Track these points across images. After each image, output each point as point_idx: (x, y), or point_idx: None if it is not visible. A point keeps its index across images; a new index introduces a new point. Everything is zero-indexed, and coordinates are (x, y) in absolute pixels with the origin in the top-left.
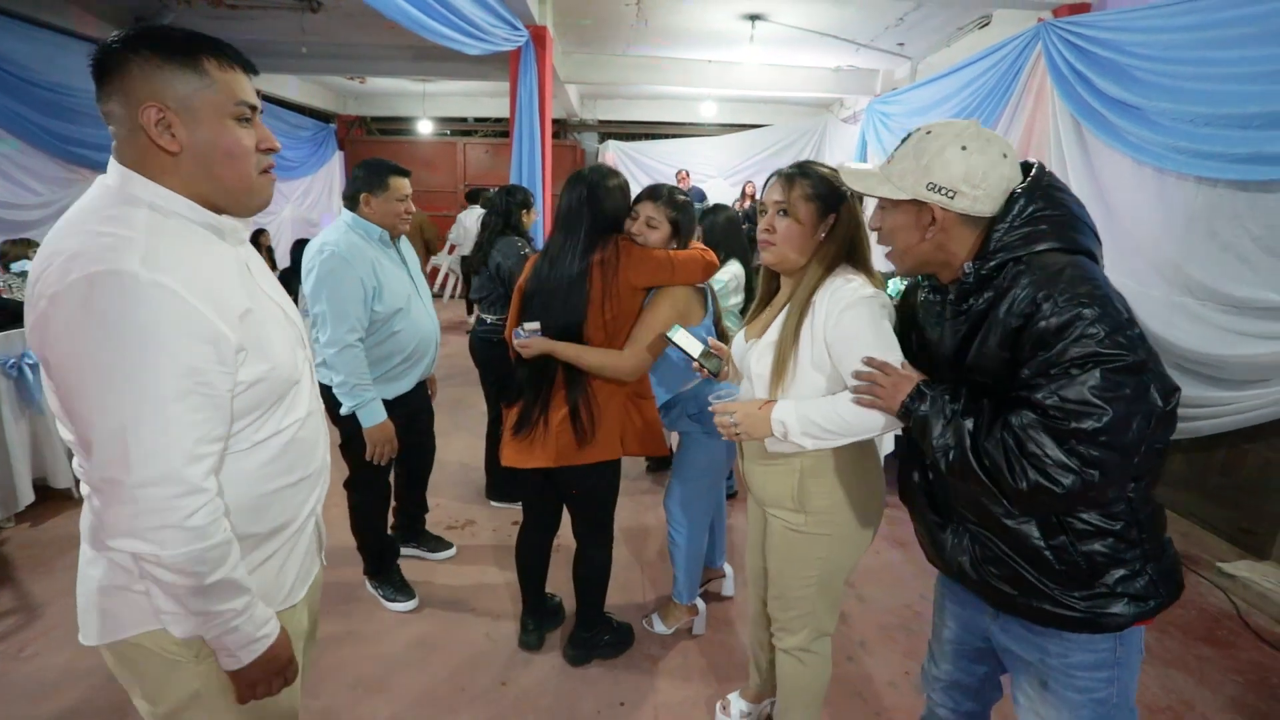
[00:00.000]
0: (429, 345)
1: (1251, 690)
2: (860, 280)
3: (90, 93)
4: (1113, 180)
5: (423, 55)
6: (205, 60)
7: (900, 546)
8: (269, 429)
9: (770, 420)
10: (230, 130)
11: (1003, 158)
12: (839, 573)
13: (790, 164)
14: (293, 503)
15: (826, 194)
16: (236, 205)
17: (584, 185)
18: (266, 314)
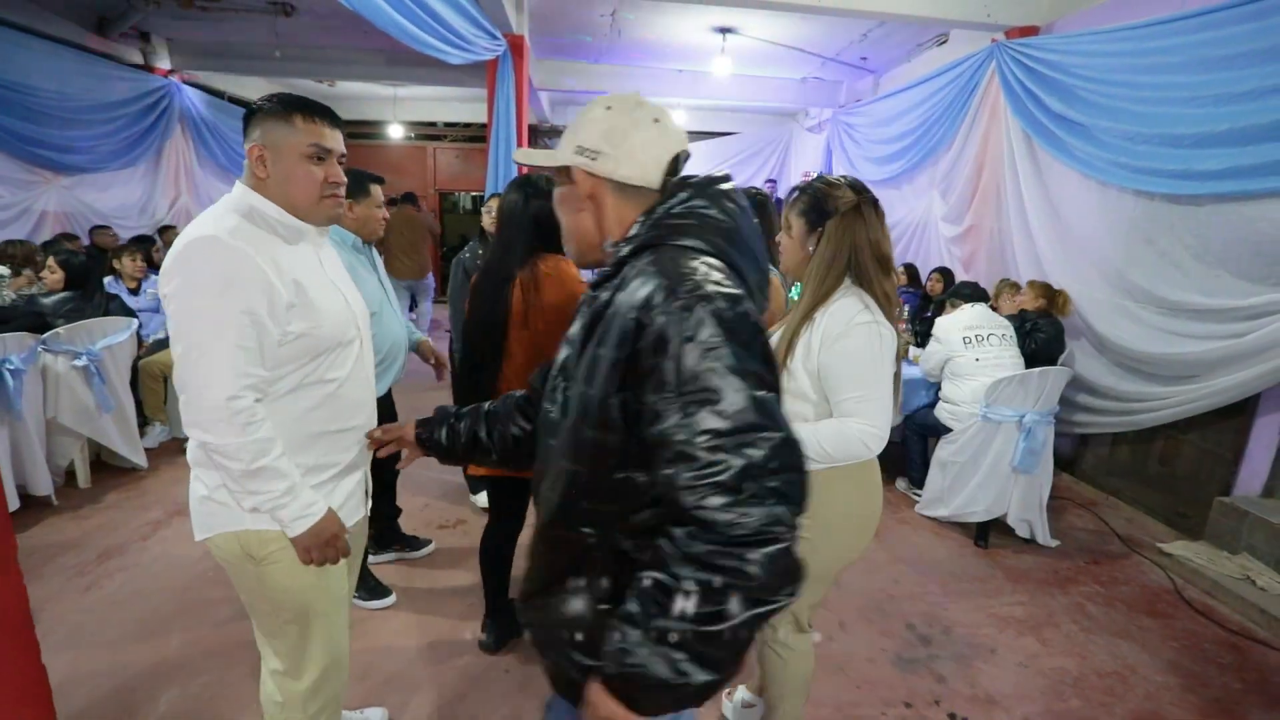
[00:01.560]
0: (399, 350)
1: (1186, 654)
2: (857, 302)
3: (52, 92)
4: (1061, 191)
5: (395, 60)
6: (296, 115)
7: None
8: (313, 378)
9: None
10: (303, 165)
11: (653, 122)
12: (816, 575)
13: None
14: (335, 448)
15: (811, 210)
16: (309, 216)
17: (524, 191)
18: (321, 289)
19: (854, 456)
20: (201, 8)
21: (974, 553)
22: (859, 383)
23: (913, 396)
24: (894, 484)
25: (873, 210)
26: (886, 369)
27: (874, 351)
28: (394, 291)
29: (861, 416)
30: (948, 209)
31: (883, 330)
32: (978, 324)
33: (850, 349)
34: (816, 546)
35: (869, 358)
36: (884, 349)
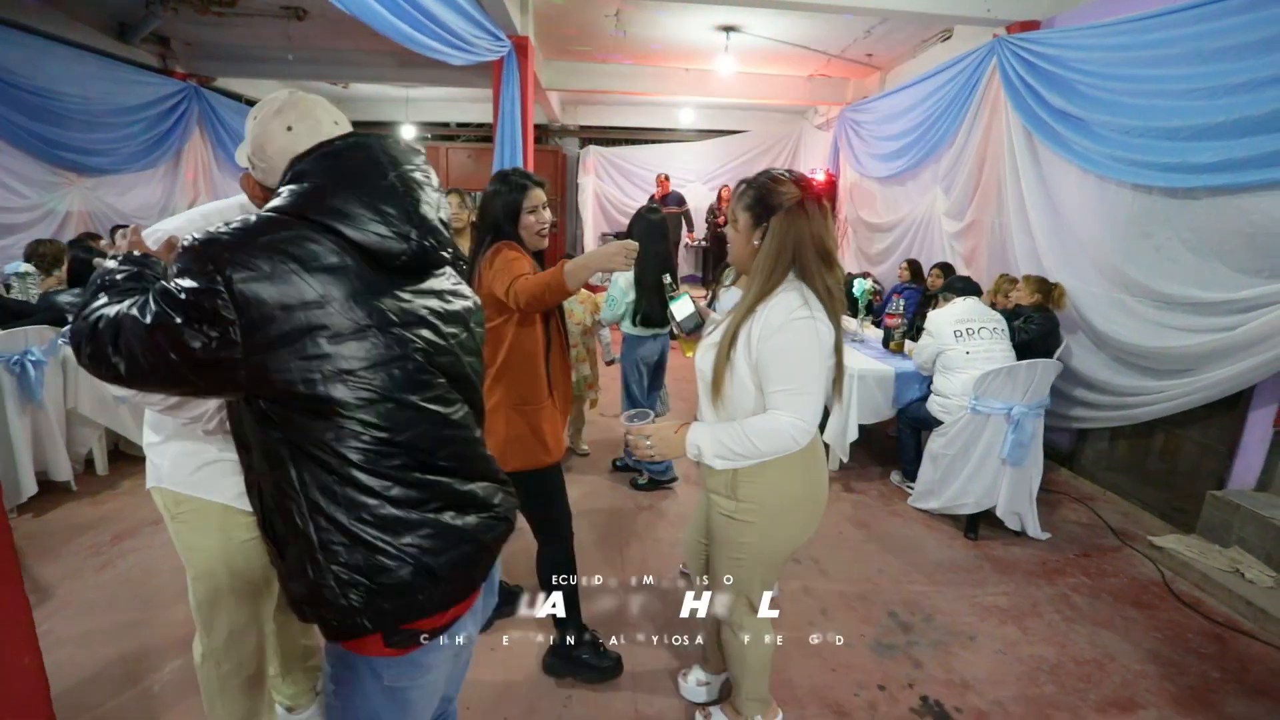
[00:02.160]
0: None
1: (1167, 644)
2: (798, 297)
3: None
4: (1060, 186)
5: (406, 62)
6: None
7: (862, 526)
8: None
9: (685, 442)
10: None
11: (286, 130)
12: (766, 559)
13: (760, 172)
14: None
15: (757, 205)
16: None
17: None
18: None
19: (782, 450)
20: (217, 13)
21: (963, 544)
22: (790, 377)
23: (906, 390)
24: (888, 477)
25: (817, 206)
26: (819, 364)
27: (807, 346)
28: None
29: (790, 410)
30: (950, 205)
31: (819, 326)
32: (969, 317)
33: (784, 343)
34: (766, 533)
35: (802, 352)
36: (819, 344)
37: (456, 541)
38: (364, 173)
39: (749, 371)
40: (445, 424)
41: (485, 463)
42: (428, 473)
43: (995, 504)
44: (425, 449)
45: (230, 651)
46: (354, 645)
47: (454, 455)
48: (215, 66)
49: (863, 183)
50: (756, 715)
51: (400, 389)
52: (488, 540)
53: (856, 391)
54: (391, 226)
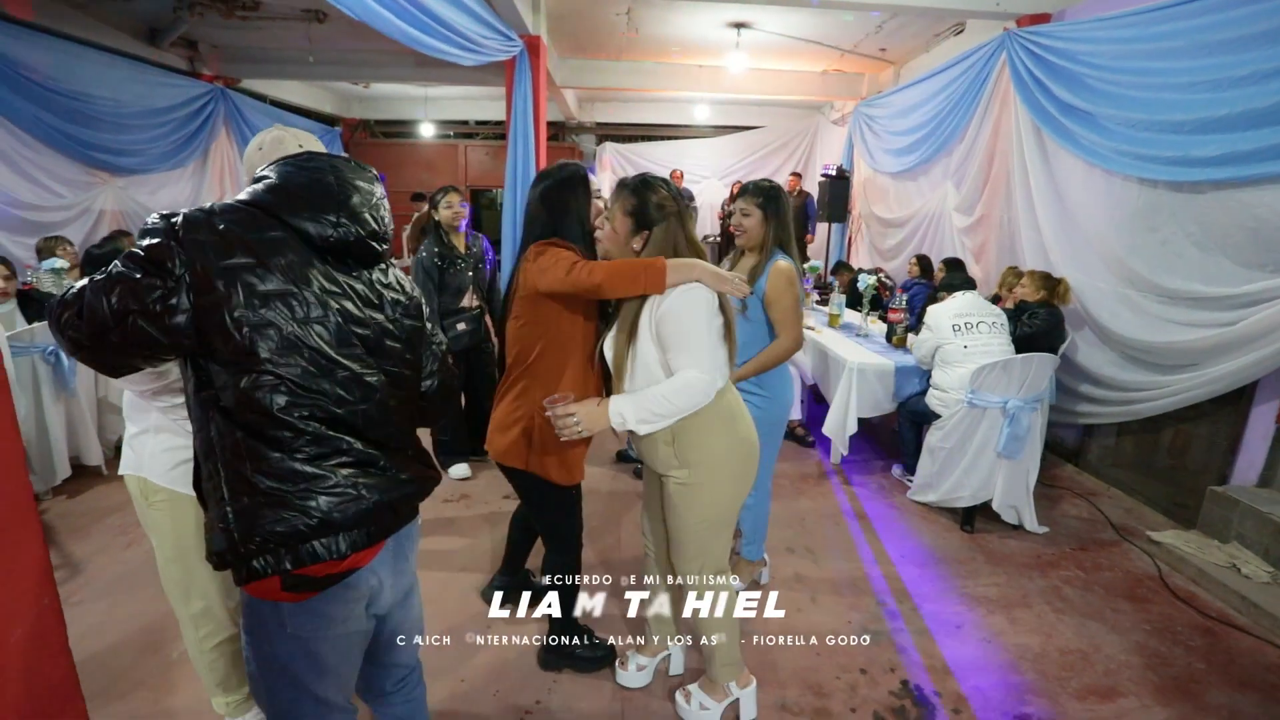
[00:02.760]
0: None
1: (1155, 636)
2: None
3: (107, 99)
4: (1067, 180)
5: (425, 62)
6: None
7: (859, 517)
8: None
9: (609, 414)
10: None
11: (258, 150)
12: (727, 514)
13: (640, 174)
14: None
15: (639, 215)
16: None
17: (542, 183)
18: None
19: (698, 401)
20: (241, 16)
21: (959, 537)
22: (685, 337)
23: (906, 384)
24: (889, 471)
25: (688, 216)
26: (709, 322)
27: (697, 311)
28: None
29: (695, 366)
30: (960, 200)
31: (699, 289)
32: (967, 311)
33: (679, 313)
34: (720, 490)
35: (695, 317)
36: (706, 306)
37: (355, 496)
38: (308, 174)
39: (654, 348)
40: (358, 383)
41: (402, 433)
42: (333, 428)
43: (992, 497)
44: (334, 402)
45: (206, 618)
46: (256, 589)
47: (363, 415)
48: (241, 68)
49: (876, 178)
50: (730, 681)
51: (319, 341)
52: (391, 499)
53: (856, 385)
54: (324, 214)
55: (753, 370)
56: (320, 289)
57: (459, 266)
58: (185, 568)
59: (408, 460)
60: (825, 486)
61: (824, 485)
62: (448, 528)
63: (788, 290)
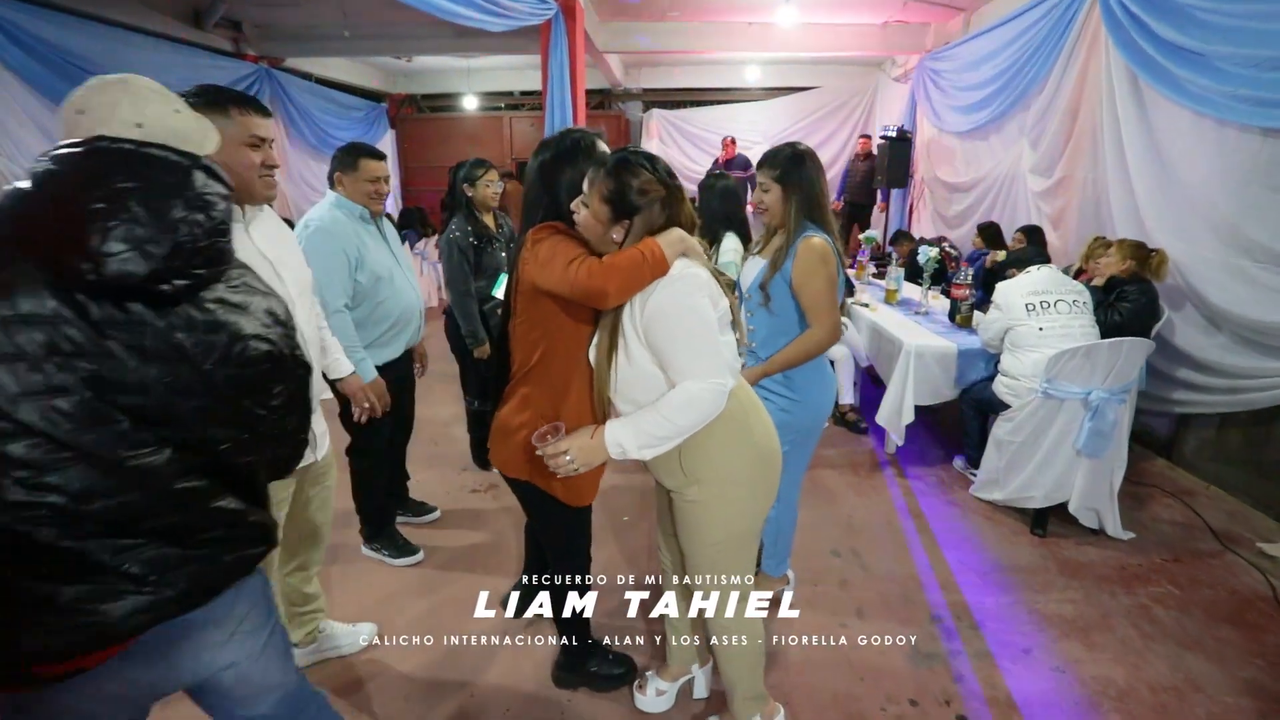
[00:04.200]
0: (412, 314)
1: (1271, 672)
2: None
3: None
4: (1169, 135)
5: (464, 32)
6: (231, 108)
7: (914, 516)
8: None
9: (605, 445)
10: (246, 151)
11: (77, 114)
12: (746, 532)
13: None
14: None
15: (617, 200)
16: (248, 198)
17: (540, 155)
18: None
19: (706, 415)
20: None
21: (1028, 541)
22: (681, 341)
23: (970, 369)
24: (950, 462)
25: (679, 198)
26: (703, 314)
27: (684, 301)
28: (404, 260)
29: (698, 375)
30: (1037, 159)
31: (695, 272)
32: (1044, 289)
33: (662, 308)
34: (735, 507)
35: (681, 310)
36: (693, 292)
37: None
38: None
39: (645, 354)
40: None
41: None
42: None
43: (1068, 498)
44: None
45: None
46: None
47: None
48: (284, 47)
49: (941, 138)
50: (755, 715)
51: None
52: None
53: (914, 370)
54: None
55: (779, 365)
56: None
57: (494, 247)
58: None
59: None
60: (877, 480)
61: (876, 478)
62: (473, 521)
63: (819, 270)
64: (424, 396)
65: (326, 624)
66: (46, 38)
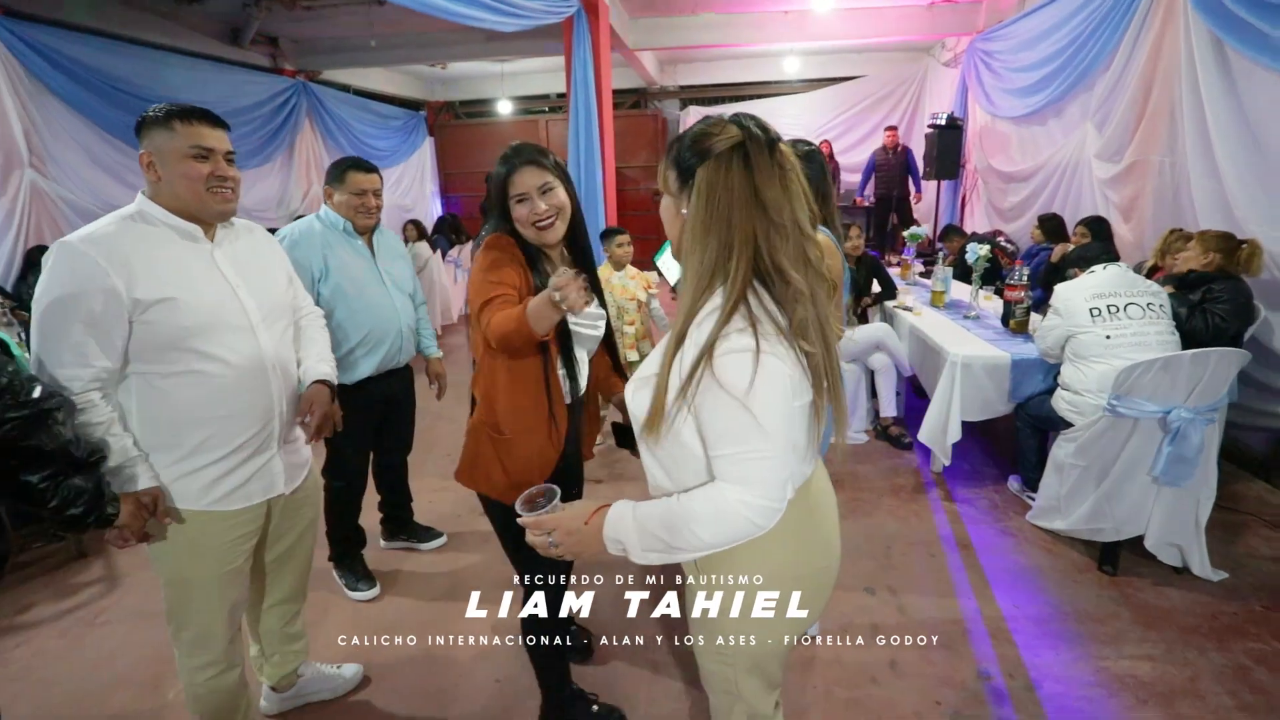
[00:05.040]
0: (386, 335)
1: None
2: (740, 318)
3: (197, 102)
4: (1263, 107)
5: (494, 36)
6: (175, 121)
7: (961, 546)
8: (181, 367)
9: (603, 537)
10: (189, 164)
11: None
12: (754, 660)
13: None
14: (220, 432)
15: (684, 156)
16: (200, 213)
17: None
18: (205, 286)
19: (736, 537)
20: (306, 7)
21: (1096, 581)
22: (736, 436)
23: (1026, 380)
24: (1005, 483)
25: (767, 153)
26: (775, 408)
27: (753, 387)
28: (396, 277)
29: (740, 483)
30: (1104, 143)
31: (770, 360)
32: (1111, 290)
33: (724, 384)
34: (753, 624)
35: (748, 397)
36: (773, 379)
37: None
38: None
39: (689, 421)
40: None
41: None
42: None
43: (1144, 532)
44: None
45: (202, 648)
46: None
47: None
48: (319, 60)
49: (995, 125)
50: None
51: None
52: None
53: (960, 383)
54: None
55: None
56: None
57: None
58: (182, 594)
59: None
60: (921, 503)
61: (919, 501)
62: (480, 544)
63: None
64: (452, 409)
65: (308, 666)
66: (88, 62)
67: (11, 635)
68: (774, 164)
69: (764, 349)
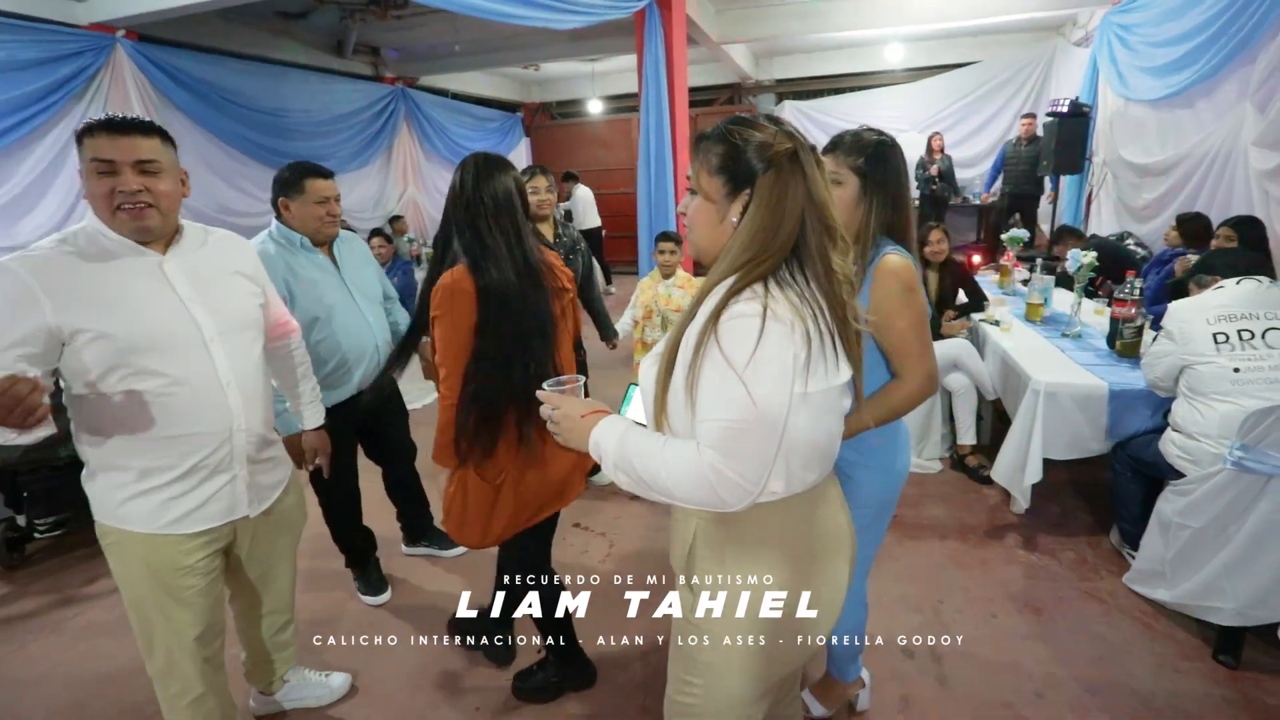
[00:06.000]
0: (365, 351)
1: None
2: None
3: (299, 111)
4: None
5: (580, 34)
6: (83, 136)
7: (1031, 610)
8: (123, 387)
9: (589, 437)
10: (93, 180)
11: None
12: (733, 695)
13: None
14: (169, 453)
15: (733, 163)
16: (115, 228)
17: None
18: (149, 302)
19: (701, 501)
20: (396, 16)
21: (1207, 673)
22: (724, 402)
23: (1128, 415)
24: (1104, 533)
25: (813, 158)
26: (773, 385)
27: (754, 360)
28: (363, 287)
29: (720, 451)
30: (1266, 127)
31: (776, 327)
32: (1245, 310)
33: (722, 334)
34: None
35: (740, 369)
36: (772, 355)
37: None
38: None
39: (683, 374)
40: None
41: None
42: None
43: (1278, 619)
44: None
45: (171, 676)
46: None
47: None
48: (416, 67)
49: (1128, 110)
50: None
51: None
52: None
53: (1043, 414)
54: None
55: (855, 428)
56: None
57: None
58: (144, 616)
59: None
60: (992, 549)
61: (990, 547)
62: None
63: (906, 302)
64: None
65: (295, 671)
66: (208, 78)
67: (74, 605)
68: (820, 171)
69: (771, 314)
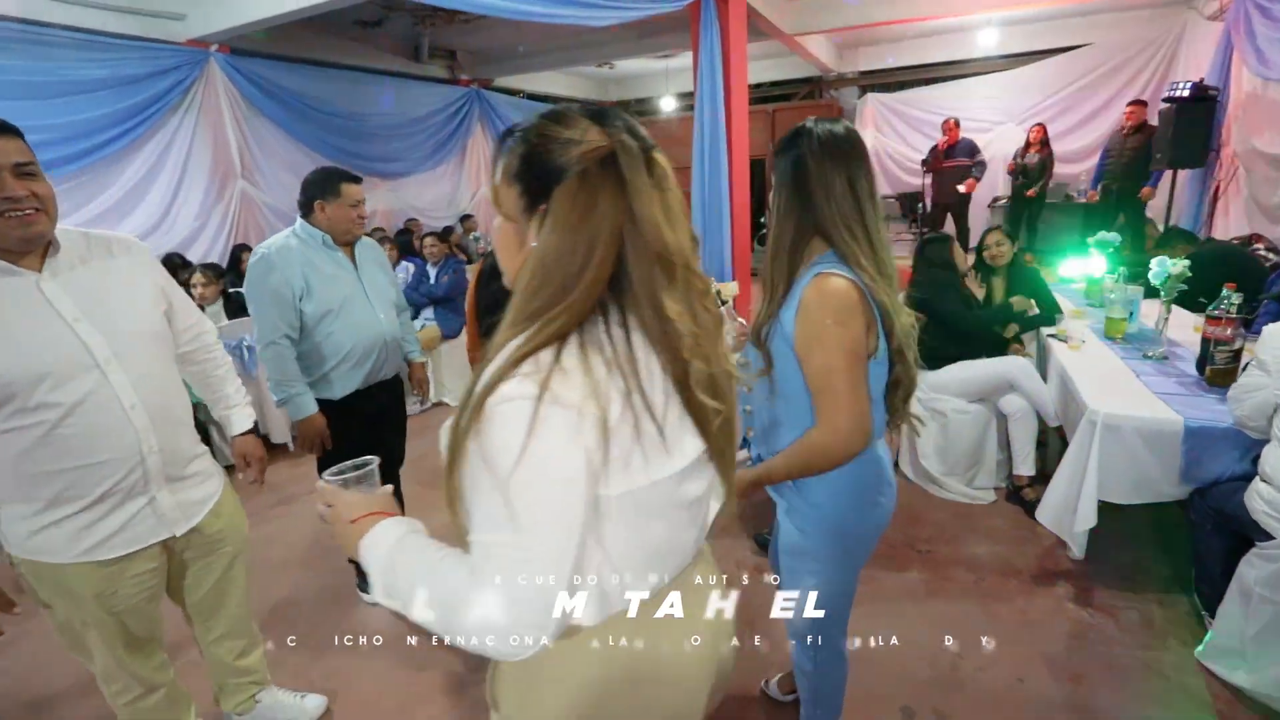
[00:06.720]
0: (375, 346)
1: None
2: (547, 366)
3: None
4: None
5: (647, 32)
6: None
7: (1072, 679)
8: (13, 424)
9: (362, 542)
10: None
11: None
12: None
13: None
14: (77, 484)
15: (527, 171)
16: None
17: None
18: (24, 328)
19: (487, 650)
20: (464, 20)
21: None
22: (490, 520)
23: (1210, 456)
24: (1180, 592)
25: (644, 168)
26: (548, 494)
27: (520, 463)
28: (379, 288)
29: (491, 584)
30: None
31: (556, 417)
32: None
33: (485, 439)
34: None
35: (505, 474)
36: (548, 455)
37: None
38: None
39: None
40: None
41: None
42: None
43: None
44: None
45: (109, 680)
46: None
47: None
48: (490, 69)
49: (1265, 93)
50: None
51: None
52: None
53: (1099, 450)
54: None
55: (772, 476)
56: None
57: None
58: (73, 637)
59: None
60: (1038, 597)
61: (1036, 594)
62: None
63: (825, 334)
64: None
65: (267, 693)
66: (292, 86)
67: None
68: (653, 181)
69: (550, 398)
